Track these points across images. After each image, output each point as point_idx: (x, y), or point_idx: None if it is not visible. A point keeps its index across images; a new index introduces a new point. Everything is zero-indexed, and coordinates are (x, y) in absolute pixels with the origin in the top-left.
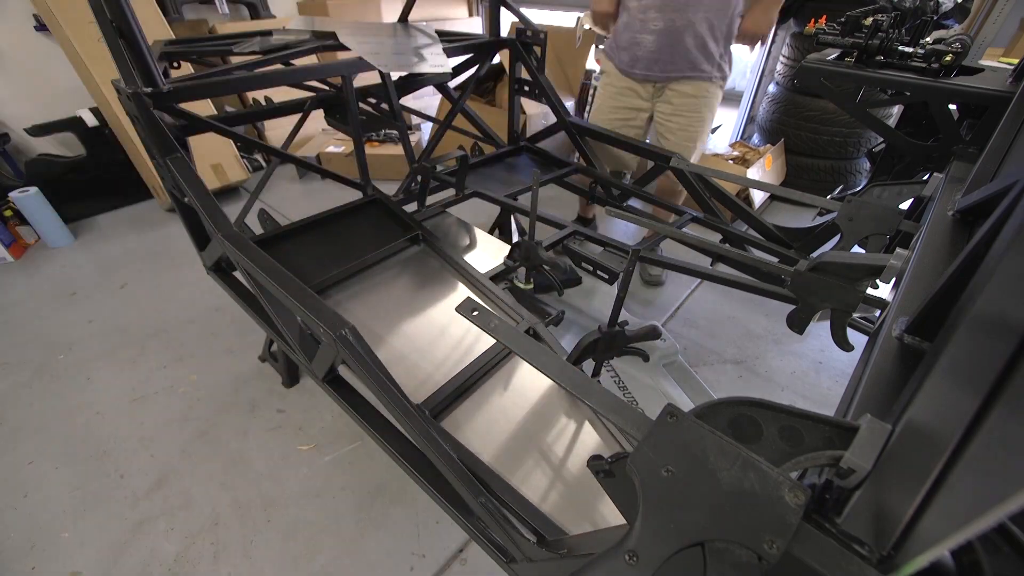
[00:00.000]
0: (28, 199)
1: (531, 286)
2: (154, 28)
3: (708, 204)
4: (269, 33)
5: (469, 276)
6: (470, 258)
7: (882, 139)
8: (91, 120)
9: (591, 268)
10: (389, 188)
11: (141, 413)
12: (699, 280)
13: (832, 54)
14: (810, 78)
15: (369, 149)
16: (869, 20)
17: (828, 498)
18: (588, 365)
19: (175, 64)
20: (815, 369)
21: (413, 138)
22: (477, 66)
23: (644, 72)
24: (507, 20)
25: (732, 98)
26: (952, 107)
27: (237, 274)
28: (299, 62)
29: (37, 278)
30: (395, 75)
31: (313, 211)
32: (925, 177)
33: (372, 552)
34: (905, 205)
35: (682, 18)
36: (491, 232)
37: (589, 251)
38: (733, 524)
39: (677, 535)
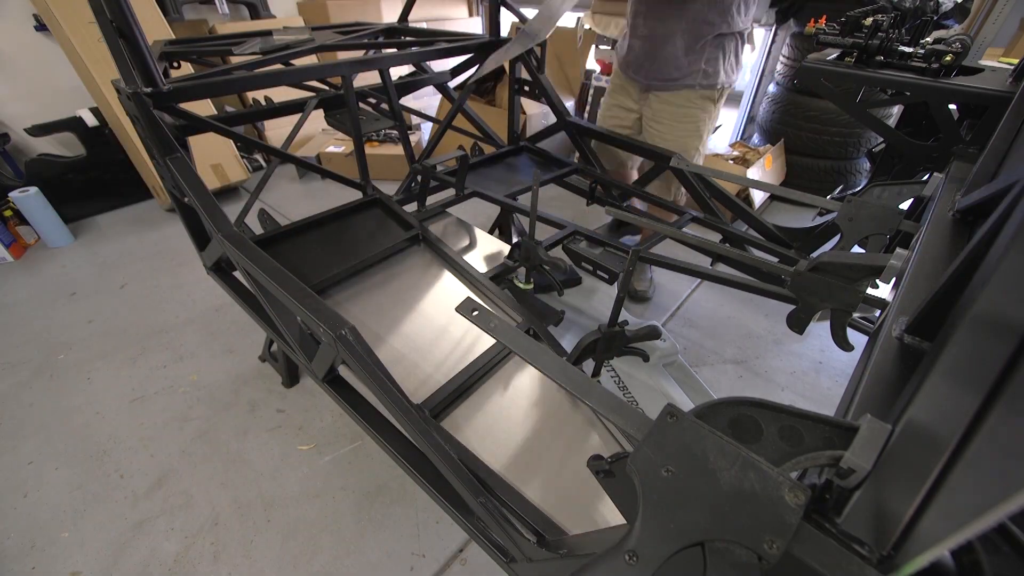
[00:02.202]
0: (28, 199)
1: (531, 286)
2: (154, 28)
3: (708, 204)
4: (269, 33)
5: (469, 276)
6: (470, 258)
7: (882, 139)
8: (91, 120)
9: (591, 268)
10: (389, 188)
11: (141, 413)
12: (699, 280)
13: (832, 54)
14: (810, 78)
15: (369, 149)
16: (869, 20)
17: (828, 498)
18: (588, 365)
19: (175, 64)
20: (815, 369)
21: (413, 138)
22: (477, 66)
23: (633, 75)
24: (507, 20)
25: (732, 98)
26: (952, 107)
27: (237, 274)
28: (299, 62)
29: (37, 278)
30: (395, 75)
31: (313, 211)
32: (925, 177)
33: (372, 552)
34: (905, 205)
35: (664, 27)
36: (491, 232)
37: (589, 251)
38: (733, 524)
39: (677, 535)
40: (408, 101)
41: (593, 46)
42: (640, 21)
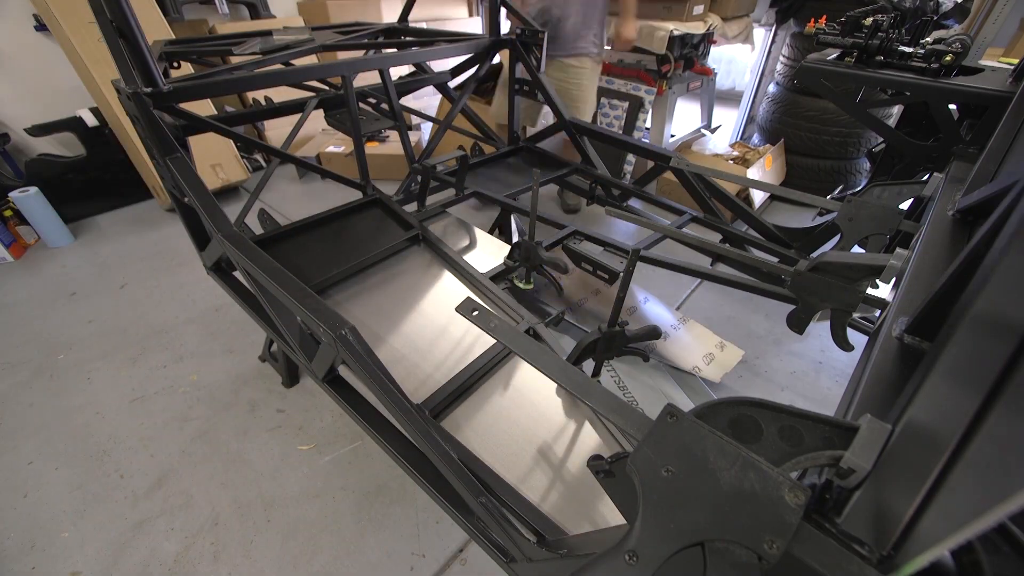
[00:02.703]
0: (28, 199)
1: (531, 286)
2: (154, 28)
3: (708, 204)
4: (269, 33)
5: (469, 276)
6: (470, 258)
7: (882, 139)
8: (91, 120)
9: (591, 268)
10: (389, 188)
11: (141, 413)
12: (699, 280)
13: (832, 54)
14: (810, 78)
15: (369, 149)
16: (869, 20)
17: (828, 498)
18: (588, 365)
19: (175, 64)
20: (815, 369)
21: (413, 138)
22: (477, 66)
23: None
24: (507, 20)
25: (732, 98)
26: (952, 107)
27: (237, 274)
28: (299, 62)
29: (37, 278)
30: (395, 75)
31: (313, 211)
32: (925, 177)
33: (372, 552)
34: (905, 205)
35: (559, 9)
36: (491, 232)
37: (589, 251)
38: (733, 524)
39: (677, 535)
40: (408, 101)
41: None
42: (532, 12)
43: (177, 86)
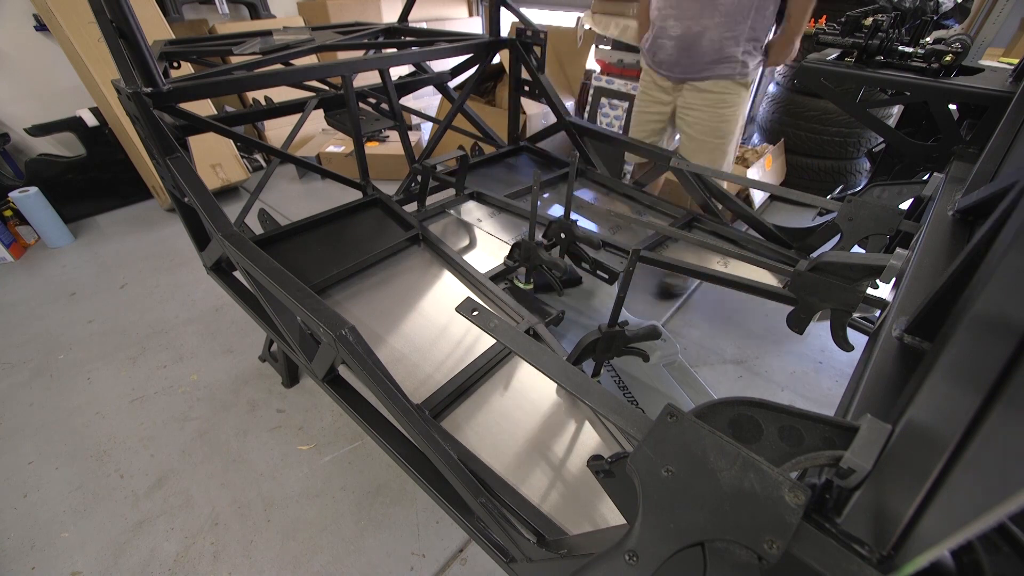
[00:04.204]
0: (28, 199)
1: (531, 286)
2: (154, 28)
3: (708, 204)
4: (269, 33)
5: (469, 276)
6: (470, 258)
7: (882, 139)
8: (91, 120)
9: (591, 268)
10: (389, 188)
11: (141, 413)
12: (698, 280)
13: (832, 54)
14: (810, 78)
15: (369, 149)
16: (869, 20)
17: (828, 498)
18: (588, 365)
19: (175, 64)
20: (815, 369)
21: (413, 138)
22: (477, 66)
23: (666, 72)
24: (507, 20)
25: None
26: (952, 107)
27: (237, 274)
28: (299, 62)
29: (37, 278)
30: (395, 75)
31: (313, 211)
32: (925, 177)
33: (372, 552)
34: (905, 205)
35: (698, 25)
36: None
37: (589, 251)
38: (733, 524)
39: (677, 535)
40: (408, 101)
41: (593, 46)
42: (671, 23)
43: (177, 86)
